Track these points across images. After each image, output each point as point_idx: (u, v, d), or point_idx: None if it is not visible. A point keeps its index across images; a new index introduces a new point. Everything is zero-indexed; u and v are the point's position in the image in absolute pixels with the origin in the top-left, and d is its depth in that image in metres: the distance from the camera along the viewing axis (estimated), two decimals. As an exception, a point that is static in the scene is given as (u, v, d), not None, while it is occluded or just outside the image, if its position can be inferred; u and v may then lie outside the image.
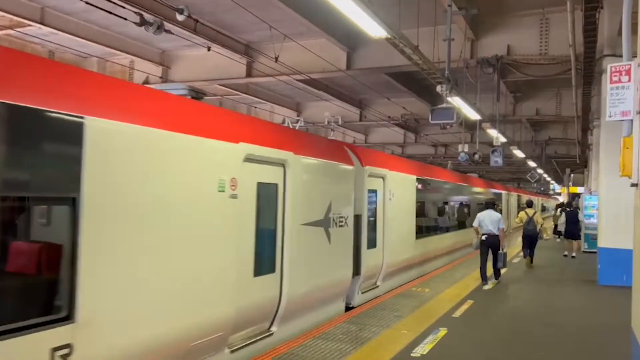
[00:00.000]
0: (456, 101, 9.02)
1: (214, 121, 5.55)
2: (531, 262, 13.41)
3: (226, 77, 14.95)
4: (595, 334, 6.93)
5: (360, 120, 22.61)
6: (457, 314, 7.61)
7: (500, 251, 10.41)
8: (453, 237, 16.24)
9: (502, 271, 11.14)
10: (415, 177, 12.13)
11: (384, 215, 9.92)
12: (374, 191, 9.60)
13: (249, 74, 14.64)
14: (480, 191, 21.85)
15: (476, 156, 14.92)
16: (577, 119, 17.56)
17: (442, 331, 6.57)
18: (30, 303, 3.63)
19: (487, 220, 10.42)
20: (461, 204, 18.27)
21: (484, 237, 10.44)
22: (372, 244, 9.37)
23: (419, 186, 12.43)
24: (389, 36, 6.05)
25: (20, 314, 3.44)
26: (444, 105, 8.88)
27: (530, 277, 11.81)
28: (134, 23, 7.90)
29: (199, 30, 11.69)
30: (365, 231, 9.04)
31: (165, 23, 8.40)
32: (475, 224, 10.77)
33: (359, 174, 8.86)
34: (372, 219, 9.49)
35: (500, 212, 19.49)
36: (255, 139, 5.98)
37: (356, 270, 8.68)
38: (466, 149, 15.25)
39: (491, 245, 10.35)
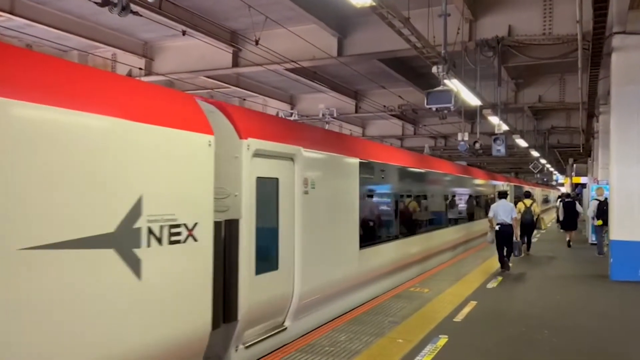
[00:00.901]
0: (454, 84, 8.25)
1: None
2: (527, 250, 13.80)
3: (212, 67, 14.20)
4: (618, 339, 6.19)
5: (356, 111, 21.87)
6: (459, 317, 6.88)
7: (515, 240, 10.82)
8: (422, 242, 12.00)
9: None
10: (358, 160, 8.41)
11: (297, 218, 6.44)
12: (273, 180, 6.12)
13: (235, 64, 13.90)
14: (464, 181, 17.05)
15: (477, 145, 14.15)
16: (581, 105, 16.81)
17: (443, 339, 5.84)
18: None
19: (501, 210, 10.79)
20: (437, 197, 13.79)
21: (497, 227, 10.80)
22: (268, 264, 5.97)
23: (366, 174, 8.85)
24: (374, 4, 5.30)
25: None
26: (441, 87, 8.12)
27: (536, 273, 11.08)
28: (95, 3, 7.15)
29: (178, 16, 10.94)
30: (250, 246, 5.50)
31: (133, 5, 7.64)
32: (490, 215, 11.11)
33: (231, 150, 5.35)
34: (269, 224, 6.07)
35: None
36: None
37: (227, 314, 5.23)
38: (466, 138, 14.46)
39: (505, 234, 10.72)
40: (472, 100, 10.24)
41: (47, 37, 13.66)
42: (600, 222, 12.88)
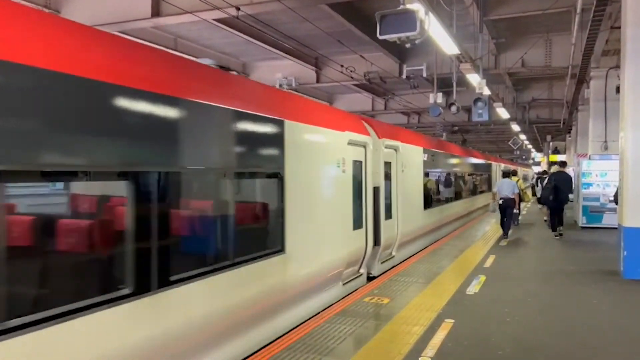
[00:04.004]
0: (421, 6, 5.68)
1: None
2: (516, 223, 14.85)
3: (129, 18, 11.45)
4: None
5: (318, 81, 19.31)
6: (429, 353, 4.55)
7: (515, 211, 13.01)
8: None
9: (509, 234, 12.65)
10: None
11: None
12: None
13: (156, 13, 11.19)
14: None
15: (453, 108, 11.75)
16: (570, 69, 14.65)
17: (399, 406, 3.50)
18: None
19: (504, 186, 12.61)
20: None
21: (501, 201, 12.54)
22: None
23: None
24: None
25: None
26: (401, 7, 5.60)
27: (527, 267, 8.88)
28: None
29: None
30: None
31: None
32: (494, 190, 13.19)
33: None
34: None
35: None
36: None
37: None
38: (439, 100, 12.03)
39: (507, 206, 12.56)
40: (446, 44, 7.78)
41: None
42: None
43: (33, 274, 3.23)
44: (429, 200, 12.60)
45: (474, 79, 10.47)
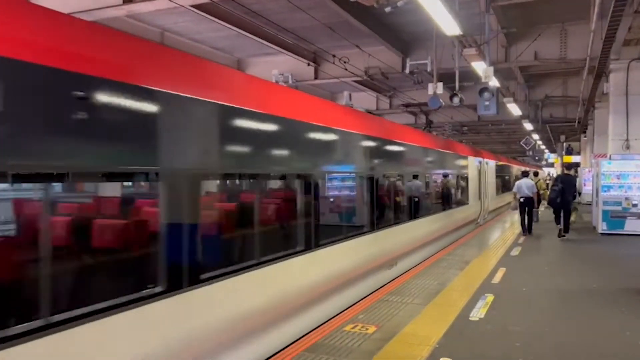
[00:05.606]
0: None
1: None
2: (536, 220, 14.86)
3: (99, 6, 10.43)
4: None
5: (316, 77, 18.20)
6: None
7: (535, 209, 14.00)
8: None
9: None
10: None
11: None
12: None
13: (128, -1, 10.16)
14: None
15: (456, 99, 10.55)
16: (588, 62, 13.41)
17: None
18: None
19: (524, 186, 13.57)
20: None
21: (521, 200, 13.46)
22: None
23: None
24: None
25: None
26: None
27: (545, 286, 7.66)
28: None
29: None
30: None
31: None
32: (514, 189, 13.93)
33: None
34: None
35: None
36: None
37: None
38: (439, 90, 10.82)
39: (527, 205, 13.48)
40: (442, 20, 6.59)
41: None
42: None
43: None
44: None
45: (480, 66, 9.27)
